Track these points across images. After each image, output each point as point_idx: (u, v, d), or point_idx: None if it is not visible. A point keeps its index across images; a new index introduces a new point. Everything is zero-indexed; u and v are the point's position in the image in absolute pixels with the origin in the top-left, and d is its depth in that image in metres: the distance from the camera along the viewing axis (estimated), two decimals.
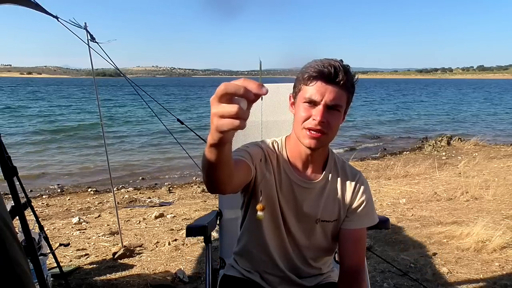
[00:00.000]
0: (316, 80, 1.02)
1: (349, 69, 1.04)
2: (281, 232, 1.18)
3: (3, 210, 0.80)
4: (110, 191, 5.39)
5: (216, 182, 0.85)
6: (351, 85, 1.05)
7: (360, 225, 1.18)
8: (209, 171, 0.80)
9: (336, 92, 1.02)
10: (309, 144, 1.06)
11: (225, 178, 0.84)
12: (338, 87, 1.02)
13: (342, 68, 1.01)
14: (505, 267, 2.61)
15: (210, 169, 0.79)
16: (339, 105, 1.03)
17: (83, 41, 2.59)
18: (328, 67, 1.01)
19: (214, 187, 0.87)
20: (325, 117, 1.02)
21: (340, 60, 1.05)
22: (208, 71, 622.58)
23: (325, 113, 1.02)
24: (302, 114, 1.05)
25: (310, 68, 1.03)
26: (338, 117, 1.05)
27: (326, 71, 1.00)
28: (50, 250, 2.10)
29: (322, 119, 1.01)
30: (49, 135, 11.96)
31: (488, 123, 16.66)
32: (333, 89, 1.01)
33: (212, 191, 0.89)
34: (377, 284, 2.43)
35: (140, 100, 3.14)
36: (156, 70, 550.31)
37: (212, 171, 0.80)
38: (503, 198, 4.22)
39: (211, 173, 0.81)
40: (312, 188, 1.16)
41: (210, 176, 0.82)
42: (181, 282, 2.49)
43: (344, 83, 1.01)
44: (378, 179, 5.60)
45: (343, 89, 1.02)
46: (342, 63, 1.03)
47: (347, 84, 1.02)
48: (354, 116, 17.47)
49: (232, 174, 0.86)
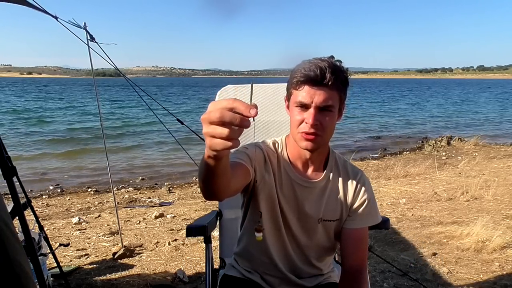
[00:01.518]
0: (304, 84, 1.02)
1: (338, 67, 1.03)
2: (282, 233, 1.18)
3: (3, 210, 0.79)
4: (110, 191, 5.39)
5: (213, 191, 0.84)
6: (341, 82, 1.04)
7: (362, 224, 1.17)
8: (206, 181, 0.80)
9: (326, 93, 1.01)
10: (306, 146, 1.06)
11: (222, 187, 0.83)
12: (327, 88, 1.01)
13: (330, 68, 1.00)
14: (505, 267, 2.61)
15: (206, 179, 0.79)
16: (331, 106, 1.03)
17: (82, 41, 2.59)
18: (315, 70, 1.00)
19: (211, 195, 0.87)
20: (318, 119, 1.02)
21: (329, 57, 1.04)
22: (208, 71, 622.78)
23: (317, 115, 1.02)
24: (296, 118, 1.05)
25: (298, 73, 1.03)
26: (332, 117, 1.04)
27: (312, 74, 1.00)
28: (50, 250, 2.10)
29: (315, 122, 1.02)
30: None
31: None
32: (321, 91, 1.01)
33: (209, 198, 0.89)
34: (377, 284, 2.43)
35: (140, 100, 3.14)
36: (156, 70, 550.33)
37: (208, 181, 0.80)
38: (503, 198, 4.22)
39: (208, 183, 0.81)
40: (313, 188, 1.16)
41: (206, 185, 0.82)
42: (181, 282, 2.48)
43: (333, 83, 1.00)
44: (378, 179, 5.60)
45: (332, 89, 1.02)
46: (330, 62, 1.02)
47: (336, 83, 1.01)
48: (371, 118, 17.27)
49: (229, 183, 0.86)
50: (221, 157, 0.70)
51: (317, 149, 1.10)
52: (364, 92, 46.24)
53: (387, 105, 26.77)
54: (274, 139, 1.21)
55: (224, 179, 0.81)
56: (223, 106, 0.59)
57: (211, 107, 0.60)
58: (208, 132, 0.61)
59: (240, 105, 0.59)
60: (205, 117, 0.60)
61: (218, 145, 0.61)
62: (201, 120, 0.61)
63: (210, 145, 0.62)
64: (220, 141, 0.60)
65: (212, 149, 0.63)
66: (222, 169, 0.76)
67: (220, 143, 0.60)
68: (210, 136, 0.61)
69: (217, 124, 0.59)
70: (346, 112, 1.32)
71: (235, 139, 0.60)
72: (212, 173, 0.76)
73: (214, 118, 0.58)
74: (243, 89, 1.77)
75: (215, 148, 0.62)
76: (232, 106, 0.59)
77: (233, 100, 0.59)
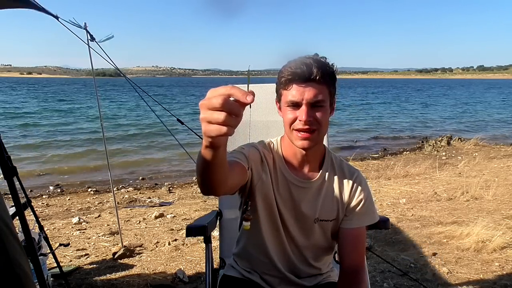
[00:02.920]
0: (292, 82, 1.03)
1: (323, 62, 1.04)
2: (280, 233, 1.18)
3: (3, 210, 0.79)
4: (110, 191, 5.39)
5: (210, 184, 0.85)
6: (329, 77, 1.04)
7: (359, 224, 1.17)
8: (203, 173, 0.80)
9: (315, 89, 1.02)
10: (302, 145, 1.07)
11: (219, 180, 0.84)
12: (315, 83, 1.01)
13: (316, 63, 1.01)
14: (505, 267, 2.61)
15: (204, 171, 0.79)
16: (322, 100, 1.03)
17: (83, 41, 2.60)
18: (301, 67, 1.01)
19: (208, 189, 0.87)
20: (311, 115, 1.03)
21: (314, 55, 1.05)
22: (208, 71, 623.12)
23: (310, 111, 1.02)
24: (289, 117, 1.06)
25: (284, 73, 1.04)
26: (324, 111, 1.05)
27: (299, 71, 1.01)
28: (50, 250, 2.10)
29: (308, 117, 1.02)
30: None
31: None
32: (310, 87, 1.01)
33: (206, 192, 0.89)
34: (377, 284, 2.43)
35: (140, 100, 3.14)
36: (156, 70, 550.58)
37: (206, 172, 0.80)
38: (503, 198, 4.22)
39: (205, 175, 0.81)
40: (309, 188, 1.16)
41: (204, 177, 0.82)
42: (181, 282, 2.49)
43: (321, 78, 1.01)
44: (378, 179, 5.60)
45: (321, 84, 1.02)
46: (315, 58, 1.03)
47: (324, 77, 1.02)
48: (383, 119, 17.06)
49: (226, 177, 0.86)
50: (218, 147, 0.70)
51: (314, 147, 1.10)
52: (380, 92, 45.06)
53: (402, 106, 25.82)
54: (269, 139, 1.21)
55: (221, 172, 0.81)
56: (221, 92, 0.61)
57: (210, 93, 0.62)
58: (205, 118, 0.62)
59: (237, 91, 0.61)
60: (204, 102, 0.61)
61: (213, 131, 0.62)
62: (200, 106, 0.62)
63: (206, 131, 0.63)
64: (216, 127, 0.61)
65: (207, 135, 0.64)
66: (219, 161, 0.76)
67: (216, 129, 0.62)
68: (207, 121, 0.62)
69: (215, 110, 0.60)
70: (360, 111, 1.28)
71: (230, 126, 0.61)
72: (209, 165, 0.76)
73: (217, 104, 0.60)
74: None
75: (210, 134, 0.63)
76: (230, 92, 0.61)
77: (230, 87, 0.61)
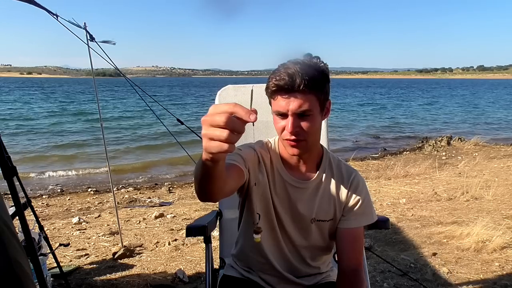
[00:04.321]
0: (277, 94, 1.01)
1: (310, 69, 0.98)
2: (277, 234, 1.18)
3: (3, 210, 0.79)
4: (110, 191, 5.39)
5: (208, 193, 0.85)
6: (316, 83, 0.99)
7: (356, 224, 1.17)
8: (201, 183, 0.81)
9: (299, 99, 0.98)
10: (292, 152, 1.07)
11: (217, 189, 0.84)
12: (299, 93, 0.98)
13: (300, 72, 0.96)
14: (505, 267, 2.61)
15: (202, 181, 0.80)
16: (308, 110, 1.00)
17: (82, 41, 2.60)
18: (284, 78, 0.97)
19: (205, 197, 0.87)
20: (297, 125, 1.01)
21: (305, 56, 1.02)
22: (208, 71, 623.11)
23: (296, 122, 1.01)
24: (278, 126, 1.05)
25: (270, 82, 1.02)
26: (311, 120, 1.02)
27: (282, 83, 0.98)
28: (50, 250, 2.10)
29: (294, 128, 1.01)
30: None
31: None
32: (294, 97, 0.98)
33: (203, 200, 0.89)
34: (377, 284, 2.43)
35: (140, 100, 3.14)
36: (156, 70, 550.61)
37: (204, 183, 0.80)
38: (503, 198, 4.22)
39: (203, 185, 0.81)
40: (306, 188, 1.16)
41: (202, 187, 0.83)
42: (181, 282, 2.49)
43: (305, 87, 0.97)
44: (378, 179, 5.60)
45: (306, 93, 0.98)
46: (302, 64, 0.98)
47: (309, 86, 0.97)
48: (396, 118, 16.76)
49: (224, 185, 0.86)
50: (218, 161, 0.70)
51: (305, 153, 1.10)
52: (390, 92, 44.06)
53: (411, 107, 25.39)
54: (267, 139, 1.21)
55: (219, 183, 0.81)
56: (224, 110, 0.60)
57: (212, 110, 0.61)
58: (207, 134, 0.61)
59: (240, 110, 0.60)
60: (207, 119, 0.61)
61: (214, 147, 0.62)
62: (202, 122, 0.62)
63: (206, 147, 0.63)
64: (217, 144, 0.61)
65: (208, 151, 0.64)
66: (218, 173, 0.76)
67: (217, 146, 0.61)
68: (209, 138, 0.62)
69: (217, 127, 0.60)
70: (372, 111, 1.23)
71: (231, 144, 0.61)
72: (208, 176, 0.76)
73: (220, 121, 0.59)
74: (243, 89, 1.77)
75: (211, 151, 0.63)
76: (233, 110, 0.60)
77: (233, 105, 0.60)
